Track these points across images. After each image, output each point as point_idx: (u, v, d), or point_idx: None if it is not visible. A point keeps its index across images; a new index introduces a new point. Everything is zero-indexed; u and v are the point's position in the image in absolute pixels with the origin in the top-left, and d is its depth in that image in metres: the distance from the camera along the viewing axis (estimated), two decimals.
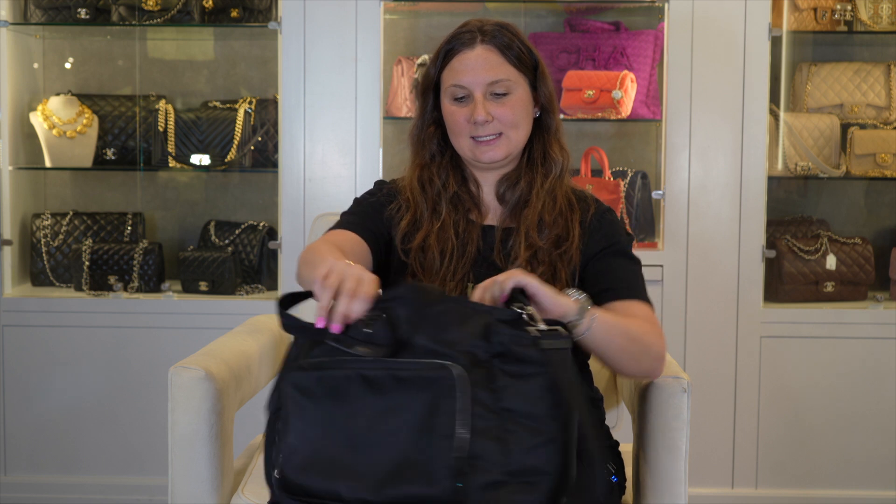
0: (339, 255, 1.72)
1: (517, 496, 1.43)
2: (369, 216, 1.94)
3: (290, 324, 1.53)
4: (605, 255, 1.89)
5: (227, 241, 3.54)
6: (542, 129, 1.95)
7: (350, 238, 1.87)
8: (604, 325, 1.68)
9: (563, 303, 1.62)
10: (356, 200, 2.01)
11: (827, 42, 3.61)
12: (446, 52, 1.91)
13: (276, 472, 1.51)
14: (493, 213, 1.97)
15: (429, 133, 1.97)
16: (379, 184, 2.04)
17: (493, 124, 1.88)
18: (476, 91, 1.87)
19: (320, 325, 1.48)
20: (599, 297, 1.84)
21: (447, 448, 1.42)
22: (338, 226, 1.93)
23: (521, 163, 1.95)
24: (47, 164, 3.51)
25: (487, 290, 1.60)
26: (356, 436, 1.45)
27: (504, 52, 1.89)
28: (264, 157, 3.50)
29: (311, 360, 1.50)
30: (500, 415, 1.45)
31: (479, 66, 1.87)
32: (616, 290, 1.85)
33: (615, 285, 1.85)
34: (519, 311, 1.52)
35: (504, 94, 1.88)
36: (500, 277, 1.59)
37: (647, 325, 1.79)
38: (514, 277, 1.58)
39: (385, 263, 1.93)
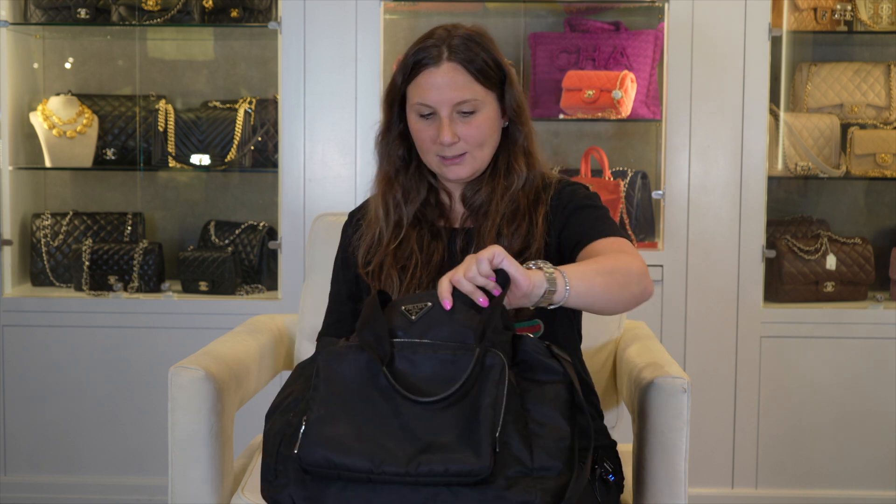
0: None
1: (533, 488, 1.50)
2: (347, 305, 2.01)
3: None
4: (570, 219, 1.88)
5: (227, 241, 3.54)
6: (509, 141, 1.93)
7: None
8: (576, 275, 1.66)
9: (533, 278, 1.60)
10: (336, 260, 2.05)
11: (827, 42, 3.61)
12: (413, 65, 1.88)
13: (295, 447, 1.54)
14: (460, 218, 1.97)
15: (395, 145, 1.95)
16: (348, 219, 2.05)
17: (458, 145, 1.87)
18: (442, 111, 1.85)
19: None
20: (574, 253, 1.85)
21: (491, 425, 1.49)
22: (327, 327, 2.03)
23: (485, 172, 1.94)
24: (47, 164, 3.51)
25: (468, 269, 1.57)
26: (386, 411, 1.52)
27: (470, 69, 1.85)
28: (264, 157, 3.50)
29: (347, 344, 1.61)
30: (523, 414, 1.54)
31: (445, 86, 1.84)
32: (584, 238, 1.84)
33: (582, 235, 1.85)
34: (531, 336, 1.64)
35: (470, 113, 1.86)
36: (482, 254, 1.57)
37: (617, 253, 1.76)
38: (496, 255, 1.57)
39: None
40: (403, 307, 1.62)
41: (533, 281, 1.59)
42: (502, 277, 1.56)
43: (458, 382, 1.51)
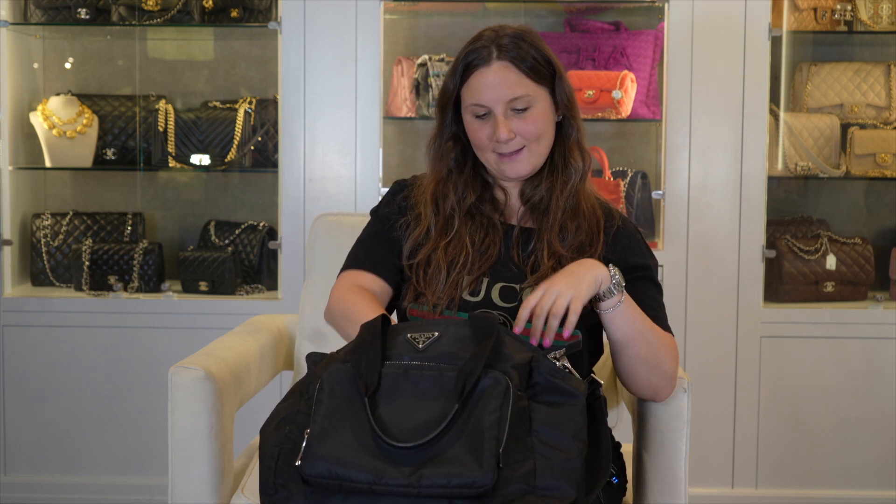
0: (375, 305, 1.85)
1: None
2: (382, 245, 1.97)
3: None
4: (635, 279, 1.89)
5: (227, 241, 3.54)
6: (563, 136, 1.94)
7: (371, 280, 1.94)
8: (630, 309, 1.76)
9: (600, 271, 1.73)
10: (372, 213, 2.03)
11: (827, 42, 3.61)
12: (464, 67, 1.89)
13: (297, 460, 1.54)
14: (517, 214, 1.97)
15: (447, 147, 1.96)
16: (397, 186, 2.04)
17: (515, 140, 1.88)
18: (496, 109, 1.86)
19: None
20: None
21: (495, 441, 1.51)
22: (355, 259, 1.98)
23: (543, 168, 1.95)
24: (47, 164, 3.51)
25: (538, 318, 1.70)
26: (392, 424, 1.53)
27: (521, 66, 1.87)
28: (264, 157, 3.50)
29: (344, 359, 1.64)
30: (531, 434, 1.55)
31: (498, 85, 1.86)
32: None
33: (651, 314, 1.86)
34: (554, 360, 1.66)
35: (524, 110, 1.87)
36: (554, 309, 1.69)
37: (666, 342, 1.83)
38: (564, 302, 1.69)
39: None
40: (409, 335, 1.65)
41: (600, 274, 1.73)
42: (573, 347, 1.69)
43: (440, 426, 1.53)
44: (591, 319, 1.81)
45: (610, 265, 1.76)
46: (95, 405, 3.40)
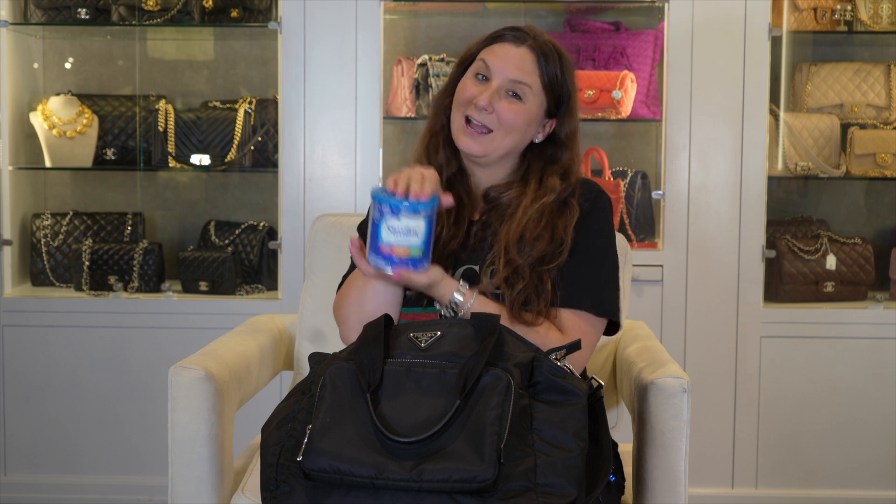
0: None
1: (535, 503, 1.52)
2: None
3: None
4: (576, 259, 1.87)
5: (227, 241, 3.54)
6: (547, 160, 1.93)
7: None
8: (482, 305, 1.80)
9: (443, 290, 1.79)
10: (359, 231, 2.02)
11: (827, 42, 3.61)
12: (496, 35, 1.93)
13: (299, 455, 1.55)
14: (480, 210, 1.96)
15: (446, 103, 1.97)
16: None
17: (490, 117, 1.88)
18: (495, 80, 1.89)
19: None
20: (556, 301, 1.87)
21: (497, 437, 1.52)
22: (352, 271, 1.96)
23: (516, 176, 1.95)
24: (47, 164, 3.51)
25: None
26: (394, 420, 1.55)
27: (542, 67, 1.89)
28: (264, 157, 3.50)
29: (347, 358, 1.66)
30: (532, 432, 1.57)
31: (513, 61, 1.88)
32: (562, 298, 1.86)
33: (564, 293, 1.86)
34: (556, 360, 1.67)
35: (517, 98, 1.88)
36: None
37: (549, 331, 1.81)
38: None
39: None
40: (412, 334, 1.67)
41: (443, 293, 1.80)
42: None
43: (442, 422, 1.54)
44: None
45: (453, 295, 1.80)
46: (95, 405, 3.40)
